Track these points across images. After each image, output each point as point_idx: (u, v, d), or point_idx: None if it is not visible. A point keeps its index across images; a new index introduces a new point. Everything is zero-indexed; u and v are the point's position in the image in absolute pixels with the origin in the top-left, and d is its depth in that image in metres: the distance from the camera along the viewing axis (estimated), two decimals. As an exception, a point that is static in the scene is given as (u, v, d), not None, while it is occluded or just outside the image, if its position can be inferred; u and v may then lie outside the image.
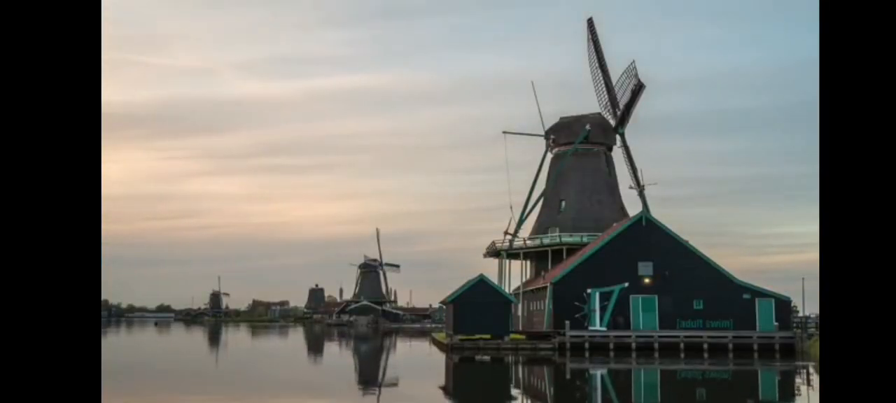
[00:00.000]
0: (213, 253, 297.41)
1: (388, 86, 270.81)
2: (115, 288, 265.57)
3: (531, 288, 65.32)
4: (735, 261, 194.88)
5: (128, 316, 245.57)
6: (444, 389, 27.84)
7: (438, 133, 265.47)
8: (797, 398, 26.70)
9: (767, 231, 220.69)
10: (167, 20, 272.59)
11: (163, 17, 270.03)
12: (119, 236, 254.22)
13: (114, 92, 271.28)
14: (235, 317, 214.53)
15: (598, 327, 50.40)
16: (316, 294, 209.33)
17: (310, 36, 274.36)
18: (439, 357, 45.23)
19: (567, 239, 67.99)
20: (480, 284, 51.49)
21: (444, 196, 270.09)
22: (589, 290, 51.55)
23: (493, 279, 60.81)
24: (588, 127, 72.62)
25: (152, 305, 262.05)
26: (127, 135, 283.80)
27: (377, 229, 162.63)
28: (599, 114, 74.63)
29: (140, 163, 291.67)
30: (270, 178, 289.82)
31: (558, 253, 67.96)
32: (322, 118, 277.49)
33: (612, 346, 47.37)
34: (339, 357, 50.30)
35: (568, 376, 34.35)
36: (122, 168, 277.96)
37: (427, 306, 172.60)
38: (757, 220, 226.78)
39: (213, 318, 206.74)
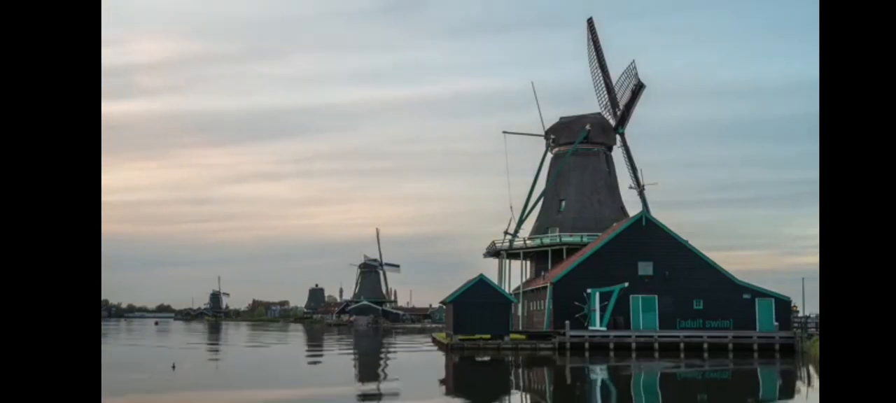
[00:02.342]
0: (214, 253, 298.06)
1: (392, 94, 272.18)
2: (115, 288, 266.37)
3: (531, 288, 65.30)
4: (749, 263, 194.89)
5: (127, 315, 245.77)
6: (445, 388, 27.85)
7: (441, 135, 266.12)
8: (797, 398, 26.70)
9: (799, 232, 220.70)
10: (275, 34, 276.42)
11: (268, 33, 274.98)
12: (123, 237, 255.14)
13: (201, 100, 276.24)
14: (235, 317, 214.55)
15: (598, 327, 50.39)
16: (316, 294, 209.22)
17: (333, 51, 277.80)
18: (439, 357, 45.24)
19: (567, 239, 67.99)
20: (480, 284, 51.47)
21: (444, 197, 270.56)
22: (589, 290, 51.54)
23: (493, 279, 60.82)
24: (588, 127, 72.63)
25: (152, 305, 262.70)
26: (205, 140, 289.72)
27: (377, 229, 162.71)
28: (599, 114, 74.65)
29: (204, 169, 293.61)
30: (296, 182, 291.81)
31: (558, 253, 67.96)
32: (336, 127, 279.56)
33: (612, 346, 47.36)
34: (340, 356, 50.28)
35: (568, 376, 34.34)
36: (182, 173, 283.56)
37: (427, 306, 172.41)
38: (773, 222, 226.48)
39: (212, 318, 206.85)
